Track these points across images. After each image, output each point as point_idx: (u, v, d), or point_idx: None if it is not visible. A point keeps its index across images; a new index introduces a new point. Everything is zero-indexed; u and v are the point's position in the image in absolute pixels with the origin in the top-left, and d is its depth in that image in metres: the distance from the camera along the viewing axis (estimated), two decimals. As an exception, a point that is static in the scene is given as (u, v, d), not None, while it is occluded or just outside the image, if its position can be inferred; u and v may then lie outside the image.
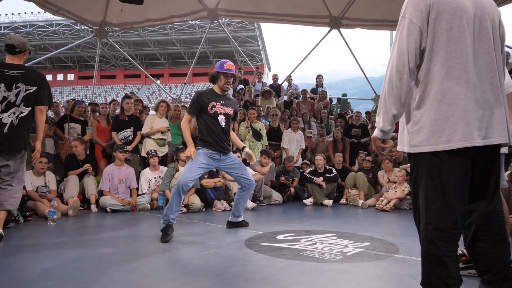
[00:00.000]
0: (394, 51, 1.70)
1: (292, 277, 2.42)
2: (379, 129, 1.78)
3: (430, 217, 1.65)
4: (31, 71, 3.57)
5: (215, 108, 3.80)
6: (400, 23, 1.70)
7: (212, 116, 3.80)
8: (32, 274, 2.41)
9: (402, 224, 4.84)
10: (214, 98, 3.84)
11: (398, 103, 1.69)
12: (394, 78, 1.68)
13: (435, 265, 1.64)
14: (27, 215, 4.50)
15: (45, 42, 41.75)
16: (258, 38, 42.45)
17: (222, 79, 3.81)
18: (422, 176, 1.69)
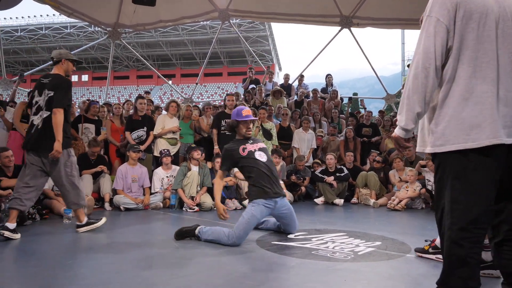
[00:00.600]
0: (419, 49, 1.69)
1: (303, 276, 2.44)
2: (402, 127, 1.75)
3: (455, 217, 1.63)
4: (55, 77, 3.81)
5: (246, 149, 3.62)
6: (425, 22, 1.69)
7: (249, 157, 3.59)
8: (48, 271, 2.48)
9: (414, 223, 4.80)
10: (241, 143, 3.68)
11: (422, 101, 1.68)
12: (419, 76, 1.66)
13: (457, 266, 1.63)
14: (43, 213, 4.62)
15: (60, 44, 42.47)
16: (269, 38, 42.43)
17: (242, 127, 3.66)
18: (448, 176, 1.67)
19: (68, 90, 3.79)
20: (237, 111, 3.70)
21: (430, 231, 4.11)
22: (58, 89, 3.70)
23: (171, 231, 3.79)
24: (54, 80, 3.76)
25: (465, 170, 1.63)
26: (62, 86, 3.75)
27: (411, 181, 5.99)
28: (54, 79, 3.78)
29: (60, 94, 3.69)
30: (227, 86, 45.54)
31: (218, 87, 46.64)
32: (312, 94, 9.56)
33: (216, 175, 3.78)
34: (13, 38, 41.67)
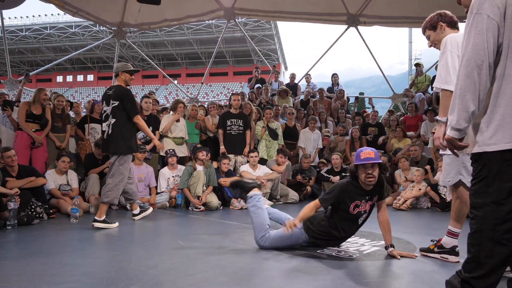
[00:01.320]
0: (469, 47, 1.66)
1: (308, 274, 2.45)
2: (454, 127, 1.70)
3: (500, 218, 1.63)
4: (117, 88, 4.39)
5: (357, 208, 3.02)
6: (473, 20, 1.67)
7: (353, 217, 3.07)
8: (56, 270, 2.50)
9: (419, 223, 4.78)
10: (357, 197, 3.00)
11: (477, 100, 1.65)
12: (472, 74, 1.64)
13: (499, 265, 1.65)
14: (50, 212, 4.67)
15: (65, 44, 42.83)
16: (275, 37, 42.39)
17: (361, 173, 2.91)
18: (496, 176, 1.65)
19: (132, 98, 4.38)
20: (357, 154, 2.97)
21: (436, 231, 4.10)
22: (124, 100, 4.27)
23: (177, 231, 3.82)
24: (116, 91, 4.32)
25: None
26: (126, 96, 4.31)
27: (418, 181, 5.97)
28: (116, 90, 4.34)
29: (128, 104, 4.28)
30: (232, 86, 45.59)
31: (223, 87, 46.70)
32: (319, 94, 9.55)
33: (311, 203, 3.09)
34: (18, 38, 41.98)
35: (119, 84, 4.42)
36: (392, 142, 7.77)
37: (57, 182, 5.17)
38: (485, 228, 1.66)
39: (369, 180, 2.87)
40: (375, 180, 2.89)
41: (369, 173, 2.85)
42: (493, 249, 1.64)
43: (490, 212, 1.65)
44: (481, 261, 1.67)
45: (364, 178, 2.88)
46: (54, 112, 5.96)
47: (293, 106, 8.65)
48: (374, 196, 3.06)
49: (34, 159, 5.53)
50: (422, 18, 2.80)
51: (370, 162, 2.83)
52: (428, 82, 9.62)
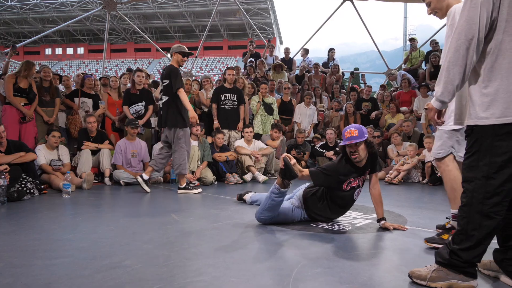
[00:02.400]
0: (462, 20, 1.65)
1: (302, 247, 2.47)
2: (439, 99, 1.76)
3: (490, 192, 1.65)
4: (167, 68, 4.87)
5: (350, 185, 3.07)
6: None
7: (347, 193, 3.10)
8: (49, 245, 2.49)
9: (410, 196, 4.85)
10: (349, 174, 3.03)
11: (462, 74, 1.67)
12: (461, 48, 1.64)
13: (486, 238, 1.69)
14: (42, 188, 4.60)
15: (53, 15, 41.46)
16: (270, 11, 41.44)
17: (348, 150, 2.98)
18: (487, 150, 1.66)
19: (177, 74, 4.73)
20: (343, 133, 3.01)
21: (426, 204, 4.16)
22: (171, 76, 4.72)
23: (171, 205, 3.83)
24: (166, 70, 4.82)
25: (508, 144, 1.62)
26: (172, 72, 4.73)
27: (411, 156, 6.01)
28: (166, 69, 4.84)
29: (173, 79, 4.69)
30: (227, 60, 44.90)
31: (218, 61, 45.99)
32: (314, 69, 9.43)
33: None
34: (3, 8, 40.36)
35: (171, 64, 4.87)
36: (385, 118, 7.78)
37: (48, 157, 5.12)
38: (474, 202, 1.70)
39: (354, 157, 2.92)
40: (360, 157, 2.92)
41: (351, 151, 2.91)
42: (481, 222, 1.68)
43: (479, 186, 1.68)
44: (469, 234, 1.71)
45: (351, 157, 2.93)
46: (41, 85, 5.80)
47: (288, 81, 8.55)
48: (366, 170, 3.09)
49: (23, 134, 5.44)
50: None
51: (351, 143, 2.86)
52: (422, 58, 9.56)
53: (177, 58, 4.82)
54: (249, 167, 6.01)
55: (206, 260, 2.19)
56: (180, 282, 1.85)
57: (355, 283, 1.87)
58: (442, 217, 3.34)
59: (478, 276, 1.90)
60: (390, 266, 2.14)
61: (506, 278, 1.83)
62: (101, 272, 1.97)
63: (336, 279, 1.92)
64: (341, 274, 2.00)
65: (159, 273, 1.97)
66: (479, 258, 1.75)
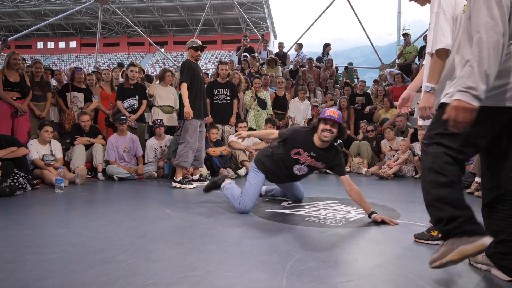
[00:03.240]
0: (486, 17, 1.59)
1: (296, 241, 2.49)
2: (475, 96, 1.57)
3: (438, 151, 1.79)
4: (182, 63, 5.11)
5: (298, 156, 3.30)
6: None
7: (292, 163, 3.35)
8: (42, 241, 2.48)
9: (404, 191, 4.89)
10: (304, 146, 3.27)
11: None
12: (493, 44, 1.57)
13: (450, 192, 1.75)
14: (34, 183, 4.55)
15: (45, 8, 40.85)
16: (264, 5, 41.24)
17: (320, 126, 3.18)
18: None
19: (185, 68, 4.84)
20: (323, 111, 3.23)
21: (419, 198, 4.19)
22: (181, 70, 4.94)
23: (165, 200, 3.82)
24: (181, 65, 5.08)
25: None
26: (183, 66, 4.91)
27: (403, 151, 6.05)
28: (182, 64, 5.07)
29: (182, 73, 4.89)
30: (221, 55, 44.66)
31: (212, 55, 45.72)
32: (308, 64, 9.42)
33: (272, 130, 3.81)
34: (-6, 1, 39.86)
35: (187, 59, 5.04)
36: (379, 113, 7.81)
37: (40, 152, 5.06)
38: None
39: (325, 135, 3.14)
40: (331, 137, 3.16)
41: (327, 128, 3.13)
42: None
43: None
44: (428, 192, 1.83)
45: (321, 131, 3.15)
46: (33, 80, 5.73)
47: (282, 76, 8.54)
48: (320, 158, 3.29)
49: (16, 128, 5.36)
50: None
51: (331, 119, 3.12)
52: (416, 53, 9.60)
53: (191, 53, 4.97)
54: (243, 162, 6.01)
55: (199, 254, 2.19)
56: (174, 277, 1.86)
57: (349, 276, 1.89)
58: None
59: (470, 270, 1.93)
60: (383, 260, 2.16)
61: (498, 272, 1.86)
62: (94, 267, 1.97)
63: (330, 273, 1.94)
64: (335, 268, 2.01)
65: (153, 268, 1.98)
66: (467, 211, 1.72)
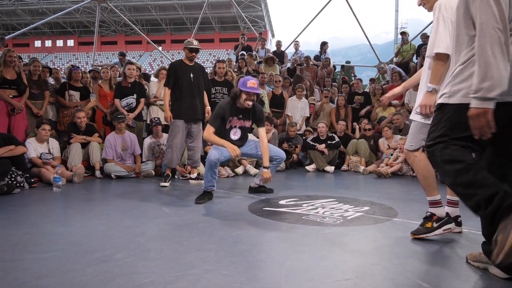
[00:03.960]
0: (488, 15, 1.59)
1: (294, 240, 2.49)
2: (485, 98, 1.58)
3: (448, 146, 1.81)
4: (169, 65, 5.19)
5: (230, 123, 3.88)
6: None
7: (227, 132, 3.91)
8: (39, 239, 2.47)
9: (402, 189, 4.90)
10: (232, 113, 3.87)
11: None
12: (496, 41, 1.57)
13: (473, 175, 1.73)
14: (32, 181, 4.55)
15: (42, 7, 40.61)
16: (262, 3, 41.13)
17: (243, 97, 3.78)
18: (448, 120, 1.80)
19: (169, 72, 4.84)
20: (243, 81, 3.78)
21: (417, 196, 4.21)
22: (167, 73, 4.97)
23: (163, 199, 3.82)
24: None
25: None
26: (168, 70, 4.93)
27: (402, 149, 6.06)
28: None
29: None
30: (219, 53, 44.53)
31: (209, 54, 45.59)
32: (305, 62, 9.42)
33: (206, 130, 3.86)
34: (-8, 0, 39.62)
35: (179, 59, 5.03)
36: (377, 111, 7.82)
37: (38, 150, 5.05)
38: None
39: (248, 103, 3.75)
40: (252, 103, 3.80)
41: (251, 98, 3.76)
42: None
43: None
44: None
45: (244, 100, 3.74)
46: (30, 78, 5.72)
47: (280, 74, 8.53)
48: (246, 118, 3.93)
49: (13, 127, 5.34)
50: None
51: (256, 92, 3.73)
52: (413, 51, 9.60)
53: (186, 53, 4.90)
54: (241, 160, 6.01)
55: (197, 253, 2.19)
56: (171, 275, 1.86)
57: (347, 275, 1.90)
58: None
59: (468, 268, 1.93)
60: (381, 258, 2.16)
61: (495, 269, 1.87)
62: (92, 266, 1.97)
63: (328, 271, 1.94)
64: (333, 266, 2.02)
65: (151, 266, 1.97)
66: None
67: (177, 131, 4.84)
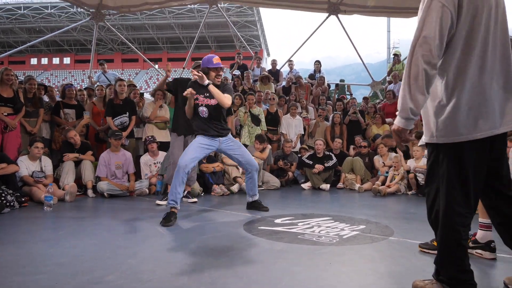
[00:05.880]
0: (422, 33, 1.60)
1: (289, 260, 2.45)
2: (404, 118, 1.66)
3: (450, 201, 1.69)
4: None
5: (197, 101, 3.99)
6: (428, 4, 1.60)
7: (195, 108, 4.05)
8: (28, 260, 2.41)
9: (398, 207, 4.89)
10: (199, 91, 3.96)
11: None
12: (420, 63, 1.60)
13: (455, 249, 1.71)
14: (22, 200, 4.44)
15: (40, 25, 41.05)
16: (257, 23, 41.87)
17: (212, 74, 3.95)
18: (443, 163, 1.70)
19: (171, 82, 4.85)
20: (208, 59, 3.94)
21: (413, 215, 4.19)
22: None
23: (156, 218, 3.76)
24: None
25: (460, 159, 1.67)
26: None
27: (397, 167, 6.07)
28: None
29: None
30: (214, 71, 44.91)
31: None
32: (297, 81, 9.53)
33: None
34: (-11, 18, 39.96)
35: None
36: (372, 129, 7.88)
37: (30, 168, 4.98)
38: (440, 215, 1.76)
39: (218, 80, 3.93)
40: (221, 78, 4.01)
41: (219, 74, 3.95)
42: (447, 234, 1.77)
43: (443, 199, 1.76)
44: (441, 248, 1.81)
45: (215, 77, 3.91)
46: (26, 96, 5.71)
47: (275, 93, 8.60)
48: (211, 98, 3.94)
49: (5, 144, 5.29)
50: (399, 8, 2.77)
51: (220, 67, 3.93)
52: (405, 70, 9.74)
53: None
54: (236, 178, 5.98)
55: (191, 274, 2.14)
56: (164, 297, 1.80)
57: (342, 296, 1.86)
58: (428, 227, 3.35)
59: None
60: (377, 278, 2.13)
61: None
62: (82, 288, 1.91)
63: (323, 292, 1.90)
64: (329, 287, 1.98)
65: (142, 288, 1.92)
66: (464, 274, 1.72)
67: (173, 147, 4.85)
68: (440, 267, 1.77)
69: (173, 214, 3.68)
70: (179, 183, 3.76)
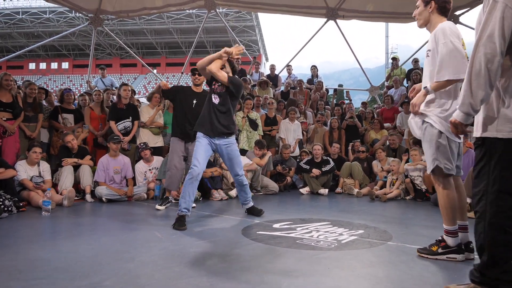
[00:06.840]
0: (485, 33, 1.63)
1: (288, 264, 2.45)
2: (464, 112, 1.75)
3: (502, 205, 1.69)
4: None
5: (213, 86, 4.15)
6: (492, 5, 1.63)
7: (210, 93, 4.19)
8: (26, 265, 2.40)
9: (396, 212, 4.89)
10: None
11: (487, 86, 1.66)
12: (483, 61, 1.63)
13: (505, 251, 1.71)
14: (20, 205, 4.43)
15: (38, 30, 41.10)
16: (256, 28, 42.05)
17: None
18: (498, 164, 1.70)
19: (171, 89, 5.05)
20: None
21: (411, 219, 4.20)
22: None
23: (154, 223, 3.76)
24: None
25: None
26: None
27: (395, 171, 6.08)
28: None
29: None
30: (213, 76, 45.01)
31: (203, 77, 46.07)
32: (298, 85, 9.56)
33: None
34: (-14, 22, 39.99)
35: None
36: (370, 134, 7.90)
37: (29, 173, 4.97)
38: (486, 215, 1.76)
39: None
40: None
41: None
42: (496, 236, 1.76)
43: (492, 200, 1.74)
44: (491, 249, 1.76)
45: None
46: (25, 100, 5.72)
47: (274, 97, 8.63)
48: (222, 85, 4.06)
49: (4, 149, 5.28)
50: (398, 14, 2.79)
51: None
52: (404, 75, 9.82)
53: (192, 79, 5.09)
54: (234, 183, 5.97)
55: (189, 279, 2.14)
56: (162, 302, 1.80)
57: (341, 301, 1.86)
58: (426, 232, 3.38)
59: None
60: (376, 283, 2.13)
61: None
62: (80, 294, 1.90)
63: (322, 297, 1.90)
64: (327, 291, 1.98)
65: (141, 293, 1.92)
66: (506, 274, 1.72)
67: (172, 152, 4.84)
68: (485, 269, 1.76)
69: (184, 218, 3.71)
70: (193, 192, 3.79)
